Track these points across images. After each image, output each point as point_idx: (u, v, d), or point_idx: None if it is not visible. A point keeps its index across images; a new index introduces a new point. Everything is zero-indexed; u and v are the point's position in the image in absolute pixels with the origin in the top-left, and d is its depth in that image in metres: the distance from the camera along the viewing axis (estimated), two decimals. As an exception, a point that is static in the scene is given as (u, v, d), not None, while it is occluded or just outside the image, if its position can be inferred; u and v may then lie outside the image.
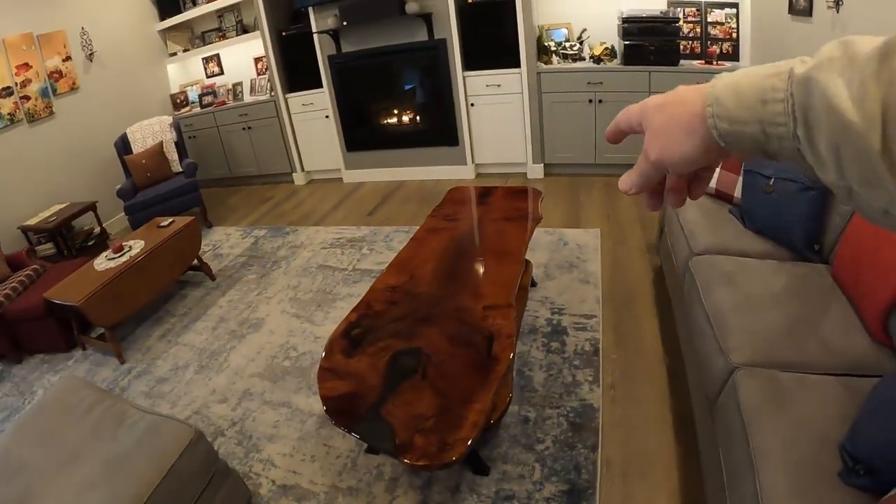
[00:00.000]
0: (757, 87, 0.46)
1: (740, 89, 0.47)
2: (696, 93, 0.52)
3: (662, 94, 0.57)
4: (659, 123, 0.55)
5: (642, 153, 0.57)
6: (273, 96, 5.91)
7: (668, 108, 0.54)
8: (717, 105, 0.48)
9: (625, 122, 0.61)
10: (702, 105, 0.50)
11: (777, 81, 0.45)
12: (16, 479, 1.82)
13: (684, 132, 0.52)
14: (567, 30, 4.75)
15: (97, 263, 3.60)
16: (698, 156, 0.52)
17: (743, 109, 0.47)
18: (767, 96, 0.45)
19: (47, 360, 3.62)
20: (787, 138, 0.45)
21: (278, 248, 4.62)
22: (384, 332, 2.18)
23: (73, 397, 2.14)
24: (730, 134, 0.48)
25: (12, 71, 4.83)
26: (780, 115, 0.44)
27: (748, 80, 0.47)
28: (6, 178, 4.80)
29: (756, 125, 0.46)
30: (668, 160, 0.54)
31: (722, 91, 0.48)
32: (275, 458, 2.44)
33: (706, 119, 0.49)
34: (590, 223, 4.07)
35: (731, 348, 1.85)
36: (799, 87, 0.43)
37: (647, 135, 0.57)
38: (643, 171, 0.58)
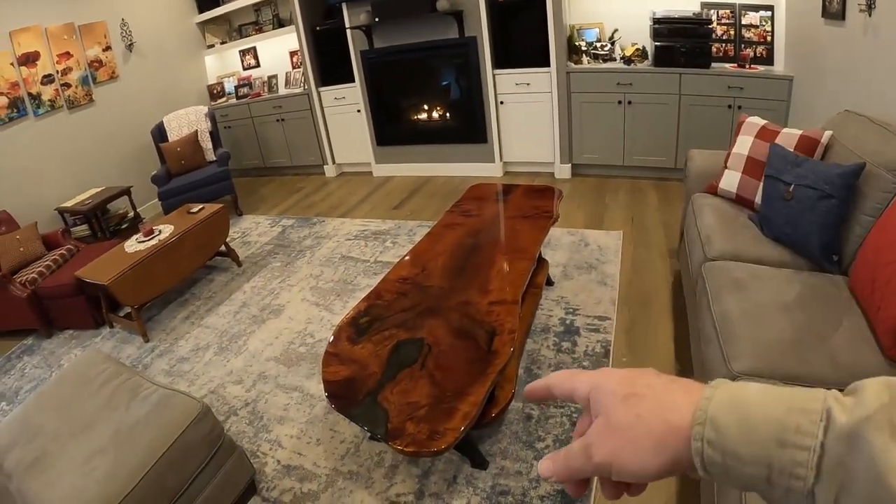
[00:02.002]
0: (775, 421, 0.37)
1: (749, 418, 0.38)
2: (683, 397, 0.42)
3: (628, 376, 0.47)
4: (622, 420, 0.44)
5: (581, 444, 0.46)
6: (306, 89, 6.01)
7: (637, 406, 0.43)
8: (712, 429, 0.39)
9: (562, 391, 0.50)
10: (689, 419, 0.40)
11: (805, 422, 0.36)
12: (32, 443, 1.92)
13: (652, 444, 0.42)
14: (599, 30, 4.72)
15: (127, 245, 3.74)
16: (661, 474, 0.42)
17: (749, 445, 0.37)
18: (788, 438, 0.36)
19: (76, 336, 3.79)
20: (799, 494, 0.36)
21: (304, 237, 4.71)
22: (390, 321, 2.22)
23: (93, 370, 2.24)
24: (719, 467, 0.39)
25: (54, 59, 5.04)
26: (801, 465, 0.35)
27: (762, 407, 0.38)
28: (45, 162, 5.02)
29: (760, 468, 0.37)
30: (617, 469, 0.43)
31: (722, 412, 0.39)
32: (282, 439, 2.51)
33: (690, 440, 0.40)
34: (613, 225, 4.04)
35: (733, 356, 1.83)
36: (838, 443, 0.35)
37: (597, 425, 0.45)
38: (575, 468, 0.46)
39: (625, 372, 0.47)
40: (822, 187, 2.24)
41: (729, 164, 2.84)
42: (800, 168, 2.35)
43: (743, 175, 2.75)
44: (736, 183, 2.78)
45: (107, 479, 1.72)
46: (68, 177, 5.20)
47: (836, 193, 2.19)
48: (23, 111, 4.79)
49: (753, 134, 2.75)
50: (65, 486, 1.74)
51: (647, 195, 4.49)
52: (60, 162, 5.15)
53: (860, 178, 2.17)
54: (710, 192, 2.95)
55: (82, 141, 5.35)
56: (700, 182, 3.06)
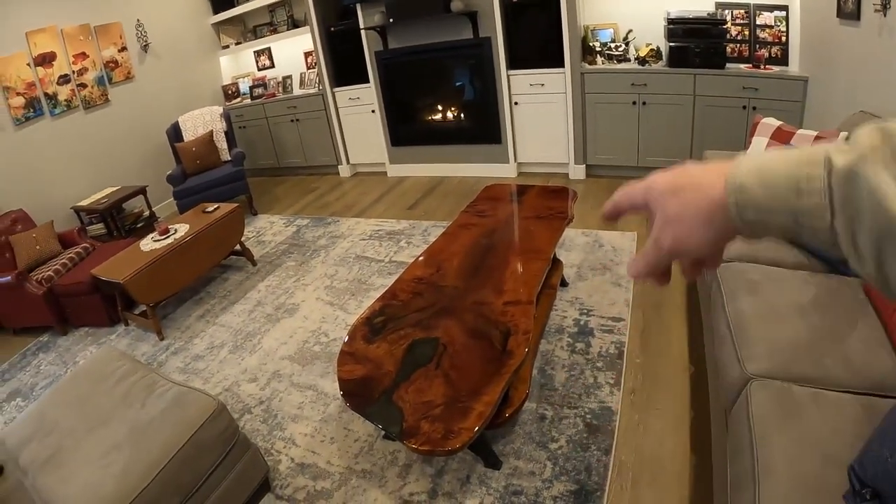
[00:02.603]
0: (789, 175, 0.43)
1: (768, 177, 0.45)
2: (716, 177, 0.49)
3: (670, 174, 0.54)
4: (673, 211, 0.51)
5: (652, 241, 0.54)
6: (321, 90, 6.03)
7: (682, 195, 0.51)
8: (742, 193, 0.46)
9: (626, 202, 0.58)
10: (721, 190, 0.47)
11: (812, 171, 0.42)
12: (48, 438, 1.95)
13: (702, 221, 0.49)
14: (613, 30, 4.71)
15: (143, 244, 3.78)
16: (717, 242, 0.50)
17: (773, 199, 0.44)
18: (802, 187, 0.42)
19: (91, 334, 3.83)
20: (823, 231, 0.42)
21: (319, 237, 4.73)
22: (406, 321, 2.23)
23: (108, 367, 2.27)
24: (756, 223, 0.46)
25: (70, 59, 5.10)
26: (818, 207, 0.42)
27: (776, 167, 0.45)
28: (62, 161, 5.08)
29: (787, 216, 0.44)
30: (684, 249, 0.52)
31: (746, 178, 0.46)
32: (296, 437, 2.52)
33: (727, 207, 0.47)
34: (627, 226, 4.03)
35: (747, 358, 1.82)
36: (841, 181, 0.40)
37: (657, 222, 0.53)
38: (653, 260, 0.55)
39: (669, 171, 0.54)
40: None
41: (744, 165, 2.82)
42: (816, 169, 2.34)
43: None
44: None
45: (122, 475, 1.74)
46: (84, 176, 5.26)
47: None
48: (39, 111, 4.85)
49: (768, 135, 2.74)
50: (80, 481, 1.76)
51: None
52: (76, 161, 5.21)
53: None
54: (725, 194, 2.94)
55: (98, 140, 5.41)
56: (715, 183, 3.04)
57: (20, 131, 4.72)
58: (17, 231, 4.13)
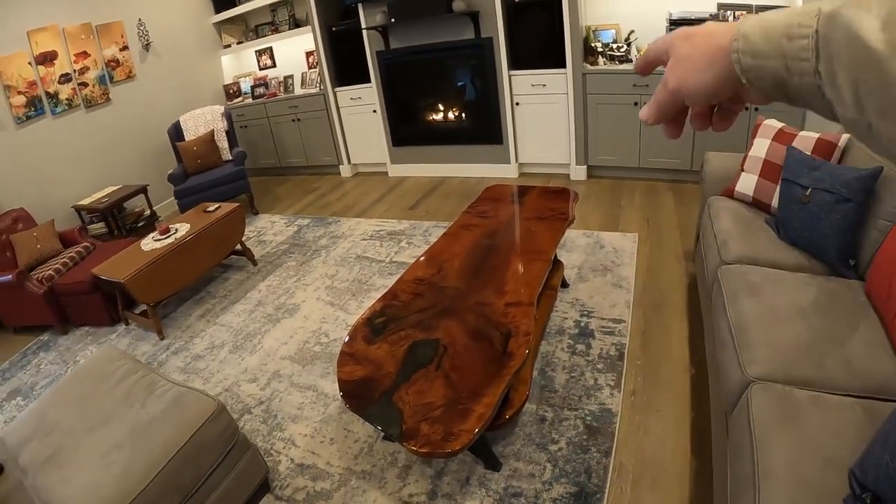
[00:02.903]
0: (784, 23, 0.46)
1: (768, 25, 0.48)
2: (725, 27, 0.52)
3: (692, 27, 0.57)
4: (682, 52, 0.55)
5: (661, 82, 0.58)
6: (322, 90, 6.03)
7: (694, 39, 0.54)
8: (744, 40, 0.49)
9: (654, 53, 0.61)
10: (729, 39, 0.50)
11: (805, 18, 0.45)
12: (49, 438, 1.95)
13: (705, 63, 0.53)
14: (615, 31, 4.70)
15: (144, 244, 3.77)
16: (716, 87, 0.53)
17: (768, 44, 0.47)
18: (793, 32, 0.45)
19: (92, 333, 3.84)
20: (809, 74, 0.45)
21: (320, 237, 4.73)
22: (406, 322, 2.22)
23: (109, 366, 2.27)
24: (752, 69, 0.49)
25: (71, 58, 5.10)
26: (804, 49, 0.44)
27: (776, 17, 0.48)
28: (63, 160, 5.08)
29: (779, 60, 0.46)
30: (685, 89, 0.55)
31: (750, 27, 0.49)
32: (296, 437, 2.52)
33: (730, 52, 0.50)
34: (628, 227, 4.02)
35: (748, 361, 1.81)
36: (824, 23, 0.43)
37: (669, 62, 0.57)
38: (660, 100, 0.59)
39: (691, 28, 0.57)
40: (840, 191, 2.22)
41: (745, 167, 2.82)
42: (817, 171, 2.34)
43: (760, 178, 2.73)
44: (752, 186, 2.76)
45: (123, 475, 1.74)
46: (85, 175, 5.27)
47: (853, 197, 2.17)
48: (40, 110, 4.85)
49: (770, 137, 2.73)
50: (80, 481, 1.76)
51: (663, 197, 4.46)
52: (77, 160, 5.21)
53: (878, 182, 2.15)
54: (726, 195, 2.93)
55: (99, 140, 5.41)
56: (716, 185, 3.04)
57: (21, 130, 4.72)
58: (17, 230, 4.13)
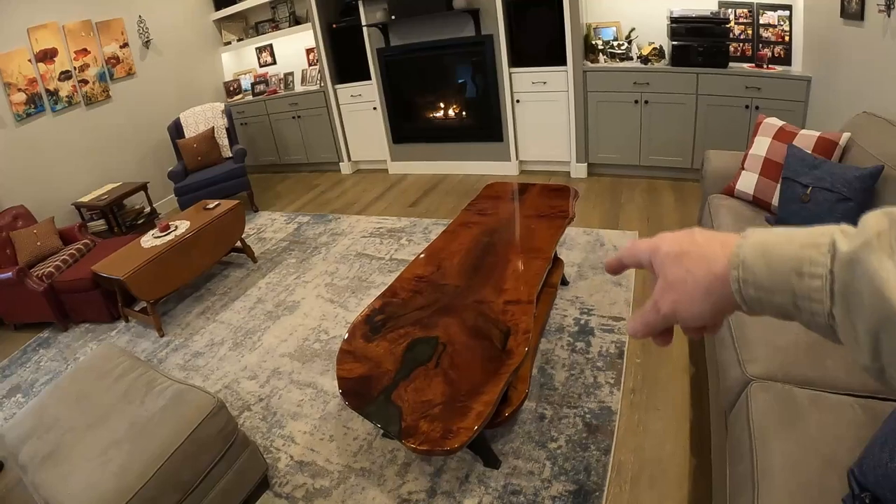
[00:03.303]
0: (792, 256, 0.43)
1: (772, 256, 0.45)
2: (720, 248, 0.49)
3: (677, 238, 0.54)
4: (675, 277, 0.52)
5: (651, 302, 0.55)
6: (323, 87, 6.03)
7: (686, 262, 0.51)
8: (745, 269, 0.46)
9: (631, 259, 0.58)
10: (726, 266, 0.48)
11: (816, 254, 0.42)
12: (48, 435, 1.95)
13: (702, 292, 0.50)
14: (616, 28, 4.69)
15: (144, 241, 3.77)
16: (714, 316, 0.50)
17: (774, 278, 0.44)
18: (804, 269, 0.42)
19: (91, 330, 3.84)
20: (821, 315, 0.42)
21: (320, 234, 4.73)
22: (405, 319, 2.22)
23: (108, 363, 2.27)
24: (755, 301, 0.46)
25: (71, 56, 5.11)
26: (817, 291, 0.42)
27: (781, 246, 0.44)
28: (63, 157, 5.08)
29: (787, 296, 0.44)
30: (680, 316, 0.52)
31: (750, 254, 0.46)
32: (296, 435, 2.52)
33: (730, 282, 0.47)
34: (628, 225, 4.02)
35: (748, 359, 1.81)
36: (842, 268, 0.40)
37: (659, 284, 0.54)
38: (651, 322, 0.55)
39: (676, 234, 0.55)
40: (840, 190, 2.22)
41: (746, 165, 2.82)
42: (817, 170, 2.33)
43: (760, 176, 2.73)
44: (753, 184, 2.76)
45: (122, 472, 1.74)
46: (85, 172, 5.26)
47: (853, 196, 2.17)
48: (40, 107, 4.85)
49: (771, 135, 2.72)
50: (80, 478, 1.76)
51: (664, 195, 4.46)
52: (77, 157, 5.21)
53: (878, 180, 2.14)
54: (726, 194, 2.93)
55: (99, 137, 5.41)
56: (717, 183, 3.03)
57: (21, 127, 4.72)
58: (17, 227, 4.13)
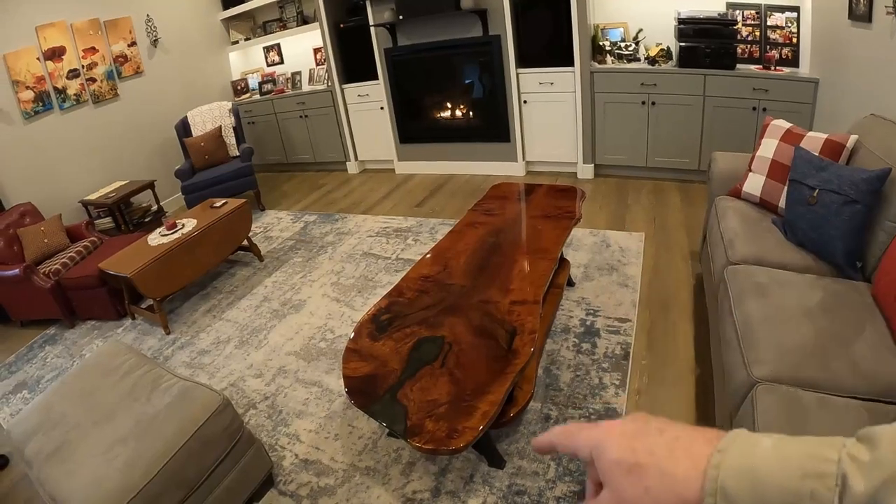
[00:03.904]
0: (789, 490, 0.35)
1: (762, 486, 0.36)
2: (689, 463, 0.40)
3: (628, 441, 0.43)
4: (630, 496, 0.42)
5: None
6: (330, 86, 6.04)
7: (643, 478, 0.41)
8: (726, 500, 0.37)
9: (564, 447, 0.49)
10: (698, 491, 0.38)
11: (819, 488, 0.34)
12: (54, 431, 1.96)
13: None
14: (623, 29, 4.69)
15: (151, 239, 3.79)
16: None
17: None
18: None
19: (98, 327, 3.86)
20: None
21: (326, 233, 4.74)
22: (411, 319, 2.22)
23: (114, 360, 2.28)
24: None
25: (79, 54, 5.13)
26: None
27: (774, 473, 0.36)
28: (70, 155, 5.11)
29: None
30: None
31: (733, 480, 0.37)
32: (301, 433, 2.53)
33: None
34: (635, 226, 4.02)
35: (754, 361, 1.80)
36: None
37: (606, 496, 0.44)
38: None
39: (625, 431, 0.44)
40: (847, 192, 2.20)
41: (753, 167, 2.81)
42: (824, 172, 2.32)
43: (767, 178, 2.72)
44: (760, 186, 2.75)
45: (127, 468, 1.75)
46: (92, 170, 5.29)
47: (860, 199, 2.16)
48: (48, 105, 4.87)
49: (778, 137, 2.71)
50: (85, 473, 1.77)
51: (670, 197, 4.45)
52: (85, 155, 5.24)
53: (886, 183, 2.13)
54: (733, 195, 2.92)
55: (107, 135, 5.44)
56: (723, 185, 3.03)
57: (29, 125, 4.74)
58: (25, 224, 4.16)
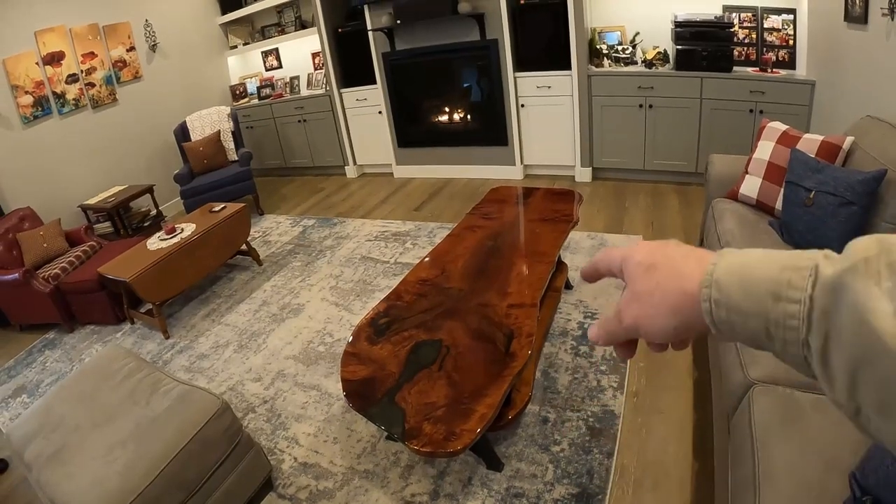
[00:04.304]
0: (769, 278, 0.40)
1: (748, 277, 0.41)
2: (695, 265, 0.46)
3: (652, 248, 0.51)
4: (643, 288, 0.49)
5: (616, 311, 0.52)
6: (328, 91, 6.05)
7: (657, 275, 0.48)
8: (717, 289, 0.43)
9: (605, 266, 0.55)
10: (698, 282, 0.44)
11: (795, 277, 0.39)
12: (54, 434, 1.97)
13: (669, 308, 0.47)
14: (620, 33, 4.70)
15: (150, 243, 3.80)
16: (679, 334, 0.48)
17: (748, 300, 0.41)
18: (781, 292, 0.39)
19: (97, 332, 3.86)
20: (795, 344, 0.39)
21: (325, 237, 4.75)
22: (409, 322, 2.23)
23: (114, 364, 2.29)
24: (726, 323, 0.43)
25: (78, 59, 5.14)
26: (793, 317, 0.38)
27: (759, 267, 0.41)
28: (70, 160, 5.12)
29: (759, 320, 0.40)
30: (643, 330, 0.49)
31: (725, 274, 0.43)
32: (300, 436, 2.53)
33: (700, 301, 0.44)
34: (632, 229, 4.02)
35: (750, 363, 1.81)
36: (824, 293, 0.37)
37: (626, 293, 0.51)
38: (612, 332, 0.53)
39: (651, 244, 0.52)
40: (843, 194, 2.21)
41: (750, 169, 2.82)
42: (821, 174, 2.33)
43: (764, 181, 2.73)
44: (756, 188, 2.76)
45: (127, 471, 1.75)
46: (92, 175, 5.30)
47: (857, 200, 2.17)
48: (47, 110, 4.88)
49: (774, 139, 2.73)
50: (85, 476, 1.77)
51: (668, 199, 4.46)
52: (84, 160, 5.25)
53: (881, 184, 2.14)
54: (730, 198, 2.93)
55: (106, 139, 5.45)
56: (721, 187, 3.04)
57: (29, 130, 4.75)
58: (24, 229, 4.16)
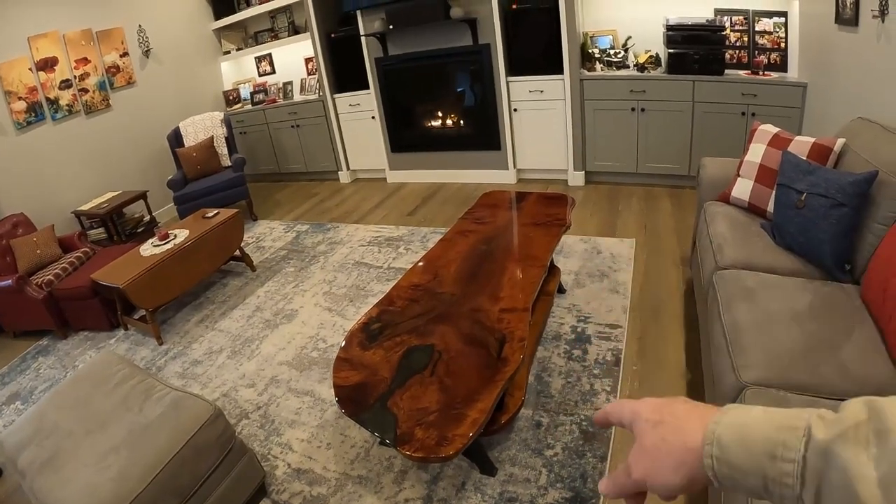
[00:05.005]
0: (767, 439, 0.44)
1: (747, 436, 0.45)
2: (698, 422, 0.50)
3: (658, 405, 0.55)
4: (650, 444, 0.53)
5: (625, 465, 0.56)
6: (321, 96, 6.06)
7: (662, 430, 0.52)
8: (719, 447, 0.46)
9: (616, 418, 0.60)
10: (700, 439, 0.48)
11: (791, 438, 0.43)
12: (47, 441, 1.97)
13: (674, 464, 0.50)
14: (612, 37, 4.73)
15: (143, 249, 3.79)
16: (684, 488, 0.51)
17: (746, 459, 0.45)
18: (777, 452, 0.43)
19: (91, 338, 3.85)
20: (791, 499, 0.42)
21: (318, 243, 4.74)
22: (402, 327, 2.23)
23: (107, 370, 2.28)
24: (727, 478, 0.46)
25: (71, 65, 5.14)
26: (788, 475, 0.42)
27: (758, 428, 0.45)
28: (63, 166, 5.10)
29: (758, 478, 0.44)
30: (651, 484, 0.53)
31: (726, 433, 0.47)
32: (293, 442, 2.53)
33: (703, 457, 0.47)
34: (626, 233, 4.03)
35: (742, 365, 1.81)
36: (816, 455, 0.41)
37: (635, 448, 0.55)
38: (622, 485, 0.56)
39: (659, 401, 0.56)
40: (835, 196, 2.22)
41: (741, 172, 2.83)
42: (812, 176, 2.34)
43: (755, 183, 2.74)
44: (748, 191, 2.77)
45: (120, 478, 1.75)
46: (85, 180, 5.29)
47: (848, 202, 2.18)
48: (41, 116, 4.87)
49: (766, 142, 2.74)
50: (78, 483, 1.77)
51: (661, 203, 4.48)
52: (77, 166, 5.23)
53: (873, 186, 2.15)
54: (722, 201, 2.94)
55: (99, 145, 5.43)
56: (713, 190, 3.05)
57: (21, 136, 4.74)
58: (17, 235, 4.15)
